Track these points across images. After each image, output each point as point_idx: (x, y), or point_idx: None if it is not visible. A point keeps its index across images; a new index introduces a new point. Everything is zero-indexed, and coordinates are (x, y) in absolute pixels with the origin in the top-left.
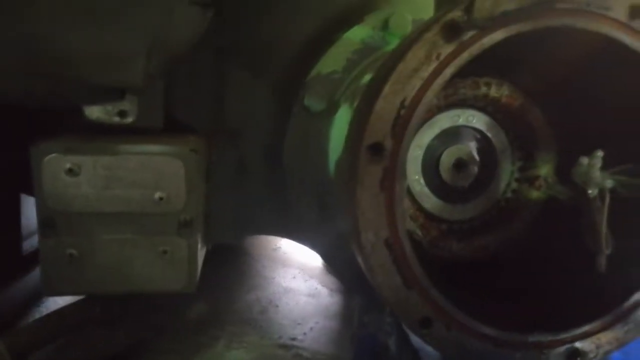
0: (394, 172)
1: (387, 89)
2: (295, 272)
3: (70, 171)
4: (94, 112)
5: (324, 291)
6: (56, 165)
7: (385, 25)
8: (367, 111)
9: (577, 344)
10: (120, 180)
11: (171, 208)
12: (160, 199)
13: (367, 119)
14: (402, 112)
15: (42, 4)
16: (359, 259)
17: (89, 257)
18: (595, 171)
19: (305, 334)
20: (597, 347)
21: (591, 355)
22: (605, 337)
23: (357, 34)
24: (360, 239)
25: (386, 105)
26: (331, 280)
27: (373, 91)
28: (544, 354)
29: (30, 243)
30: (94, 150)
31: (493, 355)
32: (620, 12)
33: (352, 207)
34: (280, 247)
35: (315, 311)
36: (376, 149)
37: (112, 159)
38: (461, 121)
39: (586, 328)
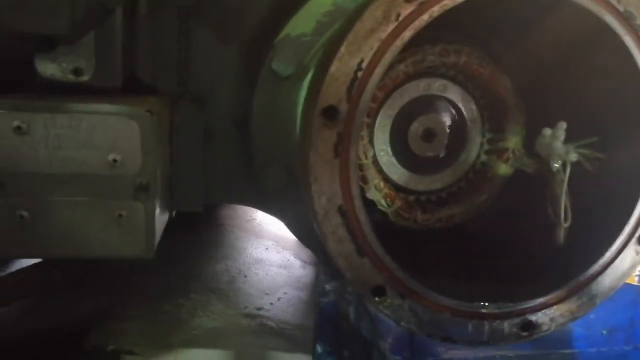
0: (349, 137)
1: (342, 49)
2: (269, 244)
3: (18, 129)
4: (48, 68)
5: (296, 263)
6: (4, 122)
7: None
8: (322, 73)
9: (531, 316)
10: (72, 141)
11: (126, 171)
12: (114, 160)
13: (321, 82)
14: (359, 74)
15: None
16: (314, 225)
17: (41, 219)
18: (558, 143)
19: (272, 304)
20: (551, 320)
21: (545, 328)
22: (559, 310)
23: None
24: (314, 205)
25: (341, 66)
26: (305, 252)
27: (329, 52)
28: (498, 325)
29: None
30: (45, 109)
31: (447, 324)
32: None
33: (305, 172)
34: (255, 219)
35: (285, 282)
36: (330, 112)
37: (64, 118)
38: (431, 90)
39: (541, 300)
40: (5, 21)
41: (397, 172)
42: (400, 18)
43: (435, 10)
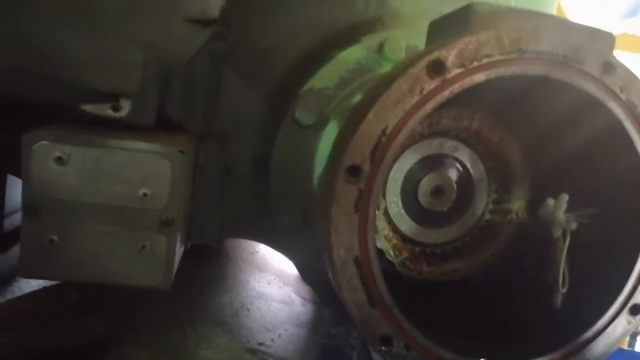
0: (369, 195)
1: (370, 115)
2: (271, 278)
3: (59, 160)
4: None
5: (296, 299)
6: (46, 152)
7: (380, 48)
8: (349, 134)
9: None
10: (106, 174)
11: (154, 205)
12: (144, 195)
13: (348, 142)
14: (383, 139)
15: (42, 4)
16: (329, 274)
17: (69, 244)
18: (560, 213)
19: (273, 340)
20: None
21: None
22: None
23: (352, 53)
24: (332, 255)
25: (368, 130)
26: (305, 289)
27: (357, 116)
28: None
29: (10, 222)
30: (84, 142)
31: None
32: (593, 67)
33: (326, 223)
34: (258, 251)
35: (286, 318)
36: (354, 171)
37: (101, 152)
38: (443, 150)
39: None
40: (79, 78)
41: (405, 224)
42: (424, 92)
43: (456, 87)
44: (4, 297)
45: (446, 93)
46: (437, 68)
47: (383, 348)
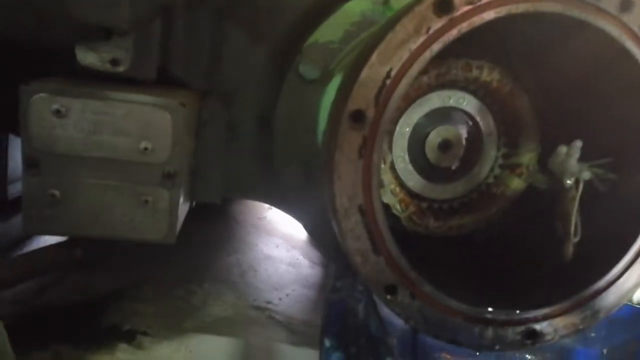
0: (373, 141)
1: (374, 58)
2: (279, 242)
3: (57, 112)
4: (87, 57)
5: (304, 262)
6: (44, 105)
7: (386, 0)
8: (352, 78)
9: (536, 325)
10: (107, 126)
11: (156, 159)
12: (146, 148)
13: (351, 86)
14: (387, 82)
15: None
16: (333, 223)
17: (71, 199)
18: (572, 161)
19: (280, 299)
20: (555, 331)
21: (548, 337)
22: (562, 322)
23: (357, 5)
24: (335, 203)
25: (372, 74)
26: (313, 252)
27: (360, 59)
28: (503, 331)
29: (16, 187)
30: (84, 94)
31: (453, 326)
32: (610, 3)
33: (329, 171)
34: (266, 217)
35: (293, 279)
36: (358, 116)
37: (101, 104)
38: (451, 102)
39: (545, 311)
40: (71, 11)
41: (412, 179)
42: (431, 31)
43: (464, 26)
44: None
45: (454, 32)
46: (444, 6)
47: (388, 297)
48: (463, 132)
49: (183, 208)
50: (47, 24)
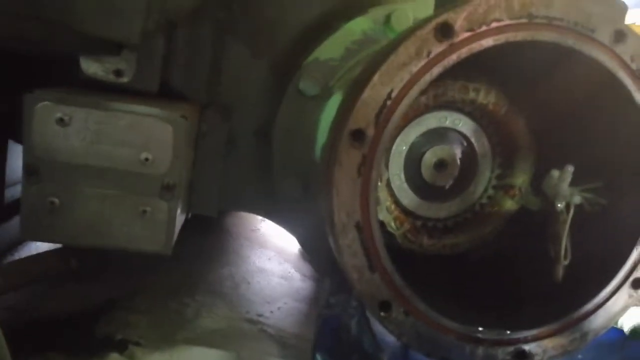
0: (372, 159)
1: (375, 78)
2: (271, 254)
3: (60, 121)
4: (91, 67)
5: (296, 275)
6: (47, 113)
7: (387, 20)
8: (354, 97)
9: (525, 346)
10: (108, 137)
11: (155, 170)
12: (146, 160)
13: (353, 105)
14: (388, 102)
15: None
16: (330, 238)
17: (70, 207)
18: (564, 185)
19: (272, 312)
20: (544, 352)
21: (537, 358)
22: (551, 343)
23: (358, 25)
24: (333, 219)
25: (373, 94)
26: (306, 266)
27: (362, 79)
28: (493, 351)
29: (12, 193)
30: (87, 103)
31: (445, 344)
32: (604, 35)
33: (328, 187)
34: (259, 229)
35: (285, 293)
36: (358, 135)
37: (103, 114)
38: (448, 123)
39: (534, 332)
40: (81, 23)
41: (407, 197)
42: (431, 55)
43: (464, 52)
44: None
45: (454, 57)
46: (445, 31)
47: (382, 314)
48: (458, 152)
49: (180, 219)
50: (53, 35)
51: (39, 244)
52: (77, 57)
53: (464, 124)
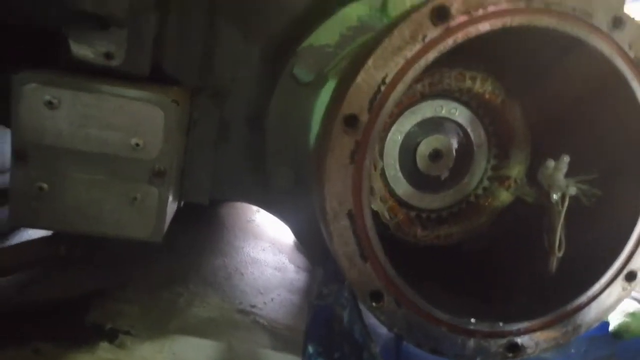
0: (365, 146)
1: (369, 62)
2: (266, 245)
3: (49, 103)
4: (81, 50)
5: (290, 267)
6: (36, 95)
7: (383, 6)
8: (347, 82)
9: (517, 339)
10: (97, 120)
11: (146, 155)
12: (136, 145)
13: (346, 90)
14: (382, 87)
15: None
16: (321, 226)
17: (58, 192)
18: (559, 175)
19: (265, 303)
20: (536, 344)
21: (529, 351)
22: (543, 336)
23: (354, 10)
24: (325, 206)
25: (367, 78)
26: (300, 257)
27: (356, 63)
28: (486, 342)
29: (2, 180)
30: (76, 86)
31: (437, 336)
32: (602, 21)
33: (320, 174)
34: (254, 220)
35: (279, 284)
36: (351, 121)
37: (93, 97)
38: (443, 112)
39: (526, 324)
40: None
41: (401, 187)
42: (427, 40)
43: (460, 36)
44: None
45: (450, 42)
46: (441, 14)
47: (373, 304)
48: (454, 142)
49: (171, 207)
50: (38, 8)
51: (31, 232)
52: (65, 34)
53: (460, 114)
